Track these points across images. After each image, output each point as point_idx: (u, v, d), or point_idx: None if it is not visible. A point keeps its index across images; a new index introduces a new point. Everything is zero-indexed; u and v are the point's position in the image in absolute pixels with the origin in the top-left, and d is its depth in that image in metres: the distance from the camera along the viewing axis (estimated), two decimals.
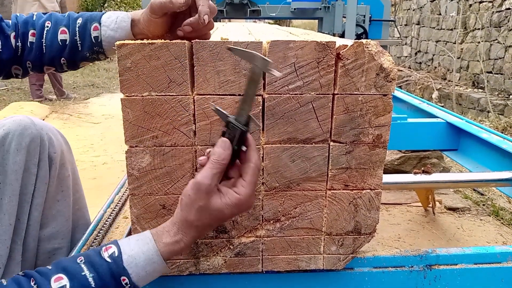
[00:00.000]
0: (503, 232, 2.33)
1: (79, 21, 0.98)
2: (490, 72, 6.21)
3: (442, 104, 6.12)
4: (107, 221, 1.29)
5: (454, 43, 6.84)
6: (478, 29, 6.46)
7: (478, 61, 6.29)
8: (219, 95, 0.82)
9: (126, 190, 1.52)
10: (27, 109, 4.77)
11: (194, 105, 0.82)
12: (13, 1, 5.52)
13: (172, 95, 0.82)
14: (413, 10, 8.73)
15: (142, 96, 0.81)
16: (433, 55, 7.92)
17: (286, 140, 0.86)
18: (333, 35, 4.17)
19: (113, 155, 3.62)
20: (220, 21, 4.32)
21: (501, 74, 5.99)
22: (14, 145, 1.02)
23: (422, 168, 1.43)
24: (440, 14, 7.66)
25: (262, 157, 0.86)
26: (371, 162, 0.89)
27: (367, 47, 0.82)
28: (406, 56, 8.98)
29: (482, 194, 2.79)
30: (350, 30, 4.13)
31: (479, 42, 6.36)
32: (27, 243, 1.09)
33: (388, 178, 1.38)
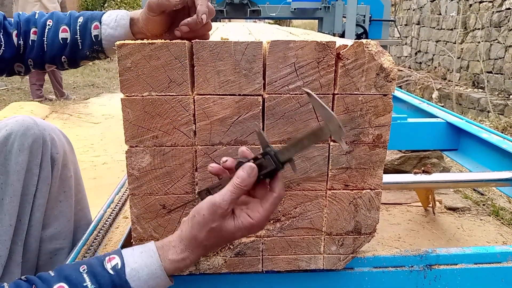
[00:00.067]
0: (503, 232, 2.33)
1: (80, 20, 0.98)
2: (490, 72, 6.21)
3: (442, 104, 6.12)
4: (107, 221, 1.29)
5: (454, 43, 6.84)
6: (478, 29, 6.46)
7: (478, 61, 6.29)
8: (219, 95, 0.82)
9: (126, 190, 1.52)
10: (27, 109, 4.77)
11: (194, 105, 0.82)
12: (14, 2, 5.52)
13: (172, 95, 0.82)
14: (413, 10, 8.73)
15: (142, 96, 0.81)
16: (433, 55, 7.92)
17: (286, 140, 0.86)
18: (333, 35, 4.17)
19: (113, 155, 3.62)
20: (220, 21, 4.32)
21: (501, 74, 6.00)
22: (17, 146, 1.02)
23: (422, 168, 1.43)
24: (440, 14, 7.66)
25: None
26: (371, 162, 0.89)
27: (367, 47, 0.82)
28: (406, 56, 8.99)
29: (482, 194, 2.79)
30: (350, 30, 4.14)
31: (479, 42, 6.36)
32: (29, 244, 1.09)
33: (388, 178, 1.38)
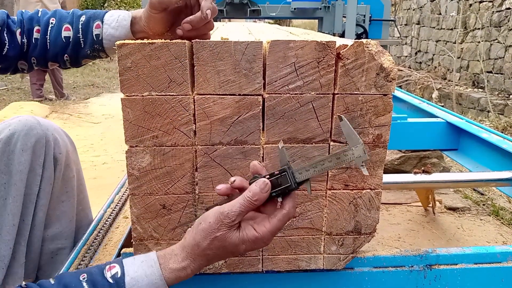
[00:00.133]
0: (503, 232, 2.33)
1: (83, 19, 0.98)
2: (490, 72, 6.21)
3: (442, 104, 6.12)
4: (107, 221, 1.29)
5: (454, 43, 6.84)
6: (478, 29, 6.46)
7: (478, 61, 6.29)
8: (219, 95, 0.82)
9: (126, 190, 1.52)
10: (27, 109, 4.77)
11: (194, 105, 0.82)
12: (15, 2, 5.52)
13: (172, 95, 0.82)
14: (413, 10, 8.73)
15: (142, 96, 0.81)
16: (433, 55, 7.92)
17: (286, 140, 0.86)
18: (333, 35, 4.18)
19: (113, 155, 3.62)
20: (220, 21, 4.32)
21: (501, 74, 5.99)
22: (20, 146, 1.02)
23: (422, 168, 1.43)
24: (440, 14, 7.66)
25: (262, 157, 0.87)
26: (371, 162, 0.89)
27: (367, 47, 0.82)
28: (406, 56, 8.99)
29: (482, 194, 2.79)
30: (350, 30, 4.14)
31: (479, 42, 6.36)
32: (31, 244, 1.09)
33: (388, 178, 1.38)
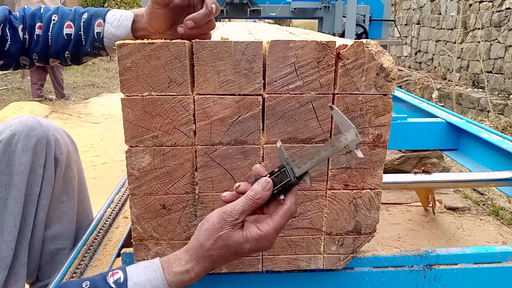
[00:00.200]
0: (503, 232, 2.33)
1: (85, 16, 0.98)
2: (490, 72, 6.21)
3: (442, 104, 6.13)
4: (107, 221, 1.29)
5: (454, 43, 6.84)
6: (478, 29, 6.46)
7: (478, 61, 6.29)
8: (219, 95, 0.82)
9: (126, 190, 1.52)
10: (27, 109, 4.77)
11: (194, 105, 0.82)
12: (17, 1, 5.53)
13: (172, 95, 0.82)
14: (413, 10, 8.73)
15: (142, 96, 0.81)
16: (433, 55, 7.92)
17: (286, 140, 0.86)
18: (333, 35, 4.18)
19: (113, 155, 3.62)
20: (220, 21, 4.32)
21: (501, 74, 6.00)
22: (20, 146, 1.02)
23: (422, 168, 1.43)
24: (440, 14, 7.66)
25: (262, 157, 0.87)
26: (371, 162, 0.89)
27: (367, 47, 0.82)
28: (406, 56, 8.99)
29: (482, 194, 2.79)
30: (350, 30, 4.14)
31: (479, 42, 6.36)
32: (32, 244, 1.09)
33: (388, 178, 1.39)
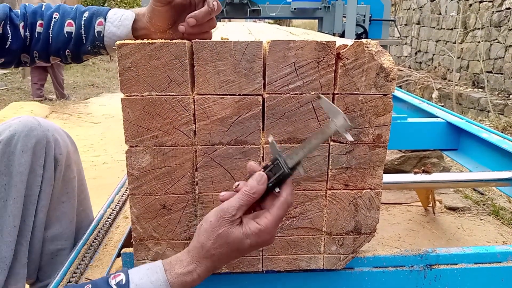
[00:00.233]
0: (503, 232, 2.33)
1: (86, 15, 0.98)
2: (490, 72, 6.21)
3: (442, 104, 6.13)
4: (107, 221, 1.29)
5: (454, 43, 6.84)
6: (478, 29, 6.46)
7: (478, 61, 6.29)
8: (219, 95, 0.82)
9: (126, 190, 1.52)
10: (27, 109, 4.77)
11: (194, 105, 0.82)
12: (18, 2, 5.53)
13: (172, 95, 0.82)
14: (413, 10, 8.73)
15: (142, 96, 0.81)
16: (433, 55, 7.92)
17: (286, 140, 0.86)
18: (333, 35, 4.18)
19: (113, 155, 3.62)
20: (220, 21, 4.32)
21: (501, 74, 6.00)
22: (20, 147, 1.02)
23: (422, 168, 1.43)
24: (440, 14, 7.66)
25: (262, 157, 0.87)
26: (371, 162, 0.89)
27: (367, 47, 0.82)
28: (406, 56, 8.99)
29: (482, 194, 2.79)
30: (350, 30, 4.14)
31: (479, 42, 6.36)
32: (32, 245, 1.09)
33: (388, 178, 1.38)
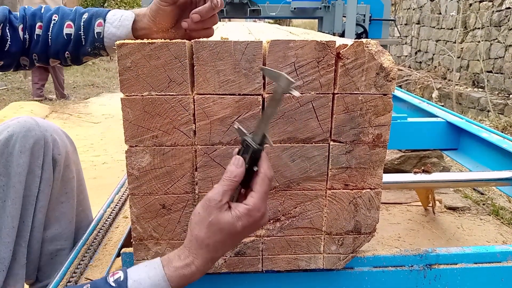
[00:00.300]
0: (503, 232, 2.33)
1: (85, 16, 0.98)
2: (490, 72, 6.21)
3: (442, 104, 6.12)
4: (107, 221, 1.29)
5: (454, 43, 6.84)
6: (478, 29, 6.46)
7: (478, 61, 6.29)
8: (219, 95, 0.82)
9: (126, 190, 1.52)
10: (27, 109, 4.77)
11: (194, 105, 0.82)
12: (19, 2, 5.53)
13: (172, 95, 0.82)
14: (413, 10, 8.73)
15: (142, 96, 0.81)
16: (433, 55, 7.92)
17: (286, 140, 0.86)
18: (333, 35, 4.17)
19: (113, 155, 3.62)
20: (220, 21, 4.32)
21: (501, 74, 5.99)
22: (18, 147, 1.02)
23: (422, 168, 1.43)
24: (440, 14, 7.66)
25: None
26: (371, 162, 0.89)
27: (367, 47, 0.82)
28: (406, 56, 8.98)
29: (482, 194, 2.79)
30: (350, 30, 4.13)
31: (479, 42, 6.36)
32: (31, 245, 1.09)
33: (388, 178, 1.38)
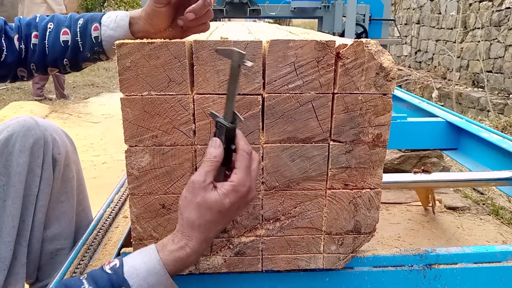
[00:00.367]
0: (503, 231, 2.33)
1: (80, 22, 0.98)
2: (490, 71, 6.21)
3: (442, 103, 6.12)
4: (107, 221, 1.29)
5: (454, 42, 6.84)
6: (478, 28, 6.46)
7: (478, 60, 6.28)
8: (219, 94, 0.82)
9: (126, 190, 1.52)
10: (27, 109, 4.77)
11: (194, 105, 0.82)
12: (21, 2, 5.53)
13: (172, 95, 0.81)
14: (413, 9, 8.73)
15: (142, 96, 0.81)
16: (433, 54, 7.91)
17: (286, 140, 0.86)
18: (333, 34, 4.17)
19: (113, 155, 3.62)
20: (220, 20, 4.32)
21: (501, 73, 5.99)
22: (18, 147, 1.02)
23: (422, 167, 1.43)
24: (440, 13, 7.66)
25: (262, 157, 0.86)
26: (371, 162, 0.89)
27: (367, 46, 0.82)
28: (406, 55, 8.98)
29: (482, 193, 2.79)
30: (350, 29, 4.13)
31: (479, 41, 6.36)
32: (31, 245, 1.09)
33: (388, 177, 1.39)
